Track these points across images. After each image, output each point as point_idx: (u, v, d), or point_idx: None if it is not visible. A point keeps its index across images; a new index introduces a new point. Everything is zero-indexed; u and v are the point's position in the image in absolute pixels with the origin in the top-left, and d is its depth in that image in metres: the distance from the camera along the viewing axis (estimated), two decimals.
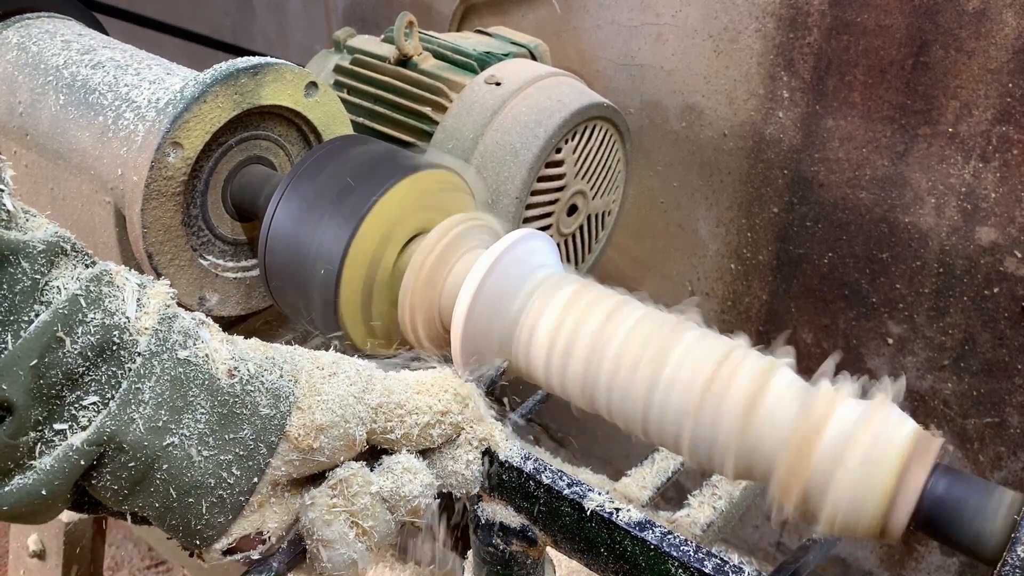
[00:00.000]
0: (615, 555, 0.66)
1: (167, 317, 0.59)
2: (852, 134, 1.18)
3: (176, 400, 0.57)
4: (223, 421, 0.59)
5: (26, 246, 0.53)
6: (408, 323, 0.79)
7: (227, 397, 0.59)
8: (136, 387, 0.55)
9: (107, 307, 0.55)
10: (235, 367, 0.60)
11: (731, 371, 0.64)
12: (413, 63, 1.19)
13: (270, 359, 0.63)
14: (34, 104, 0.97)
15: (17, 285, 0.52)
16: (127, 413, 0.55)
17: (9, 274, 0.52)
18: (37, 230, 0.55)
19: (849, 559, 1.43)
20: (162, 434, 0.56)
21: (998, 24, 1.03)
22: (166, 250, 0.89)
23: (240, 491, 0.60)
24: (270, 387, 0.61)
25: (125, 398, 0.55)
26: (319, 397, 0.62)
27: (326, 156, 0.84)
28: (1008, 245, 1.10)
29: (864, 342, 1.28)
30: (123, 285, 0.58)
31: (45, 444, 0.53)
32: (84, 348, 0.53)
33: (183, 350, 0.58)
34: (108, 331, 0.55)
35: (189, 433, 0.57)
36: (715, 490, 0.90)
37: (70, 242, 0.56)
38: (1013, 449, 1.20)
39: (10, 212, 0.54)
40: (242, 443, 0.59)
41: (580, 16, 1.38)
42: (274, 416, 0.60)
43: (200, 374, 0.58)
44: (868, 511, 0.58)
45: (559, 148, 1.13)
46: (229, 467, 0.59)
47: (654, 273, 1.47)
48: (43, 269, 0.53)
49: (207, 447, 0.58)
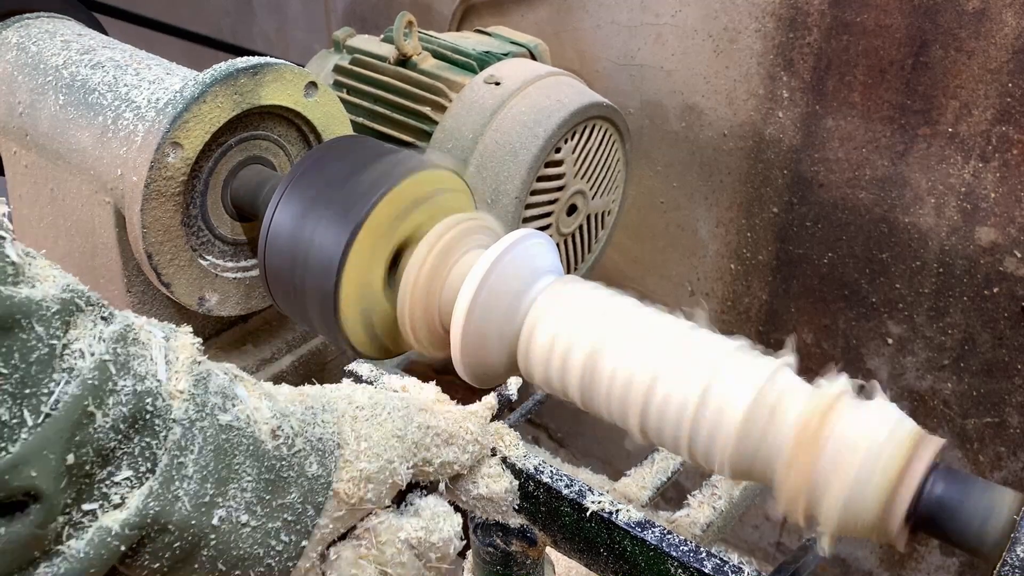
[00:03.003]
0: (615, 555, 0.66)
1: (201, 377, 0.54)
2: (852, 134, 1.18)
3: (221, 471, 0.52)
4: (270, 487, 0.54)
5: (39, 307, 0.46)
6: (407, 324, 0.78)
7: (273, 461, 0.55)
8: (178, 461, 0.50)
9: (137, 371, 0.50)
10: (278, 426, 0.56)
11: (732, 372, 0.64)
12: (412, 63, 1.19)
13: (309, 409, 0.59)
14: (34, 104, 0.97)
15: (32, 354, 0.45)
16: (171, 491, 0.50)
17: (22, 341, 0.45)
18: (45, 282, 0.48)
19: (849, 559, 1.43)
20: (210, 509, 0.51)
21: (998, 24, 1.03)
22: (166, 250, 0.89)
23: (288, 557, 0.56)
24: (315, 443, 0.57)
25: (167, 474, 0.50)
26: (365, 443, 0.59)
27: (326, 156, 0.84)
28: (1008, 245, 1.10)
29: (864, 342, 1.28)
30: (148, 341, 0.52)
31: (73, 527, 0.48)
32: (116, 420, 0.48)
33: (224, 414, 0.53)
34: (140, 399, 0.49)
35: (236, 504, 0.53)
36: (715, 490, 0.90)
37: (84, 295, 0.50)
38: (1013, 449, 1.20)
39: (16, 264, 0.47)
40: (290, 508, 0.55)
41: (580, 16, 1.38)
42: (321, 475, 0.57)
43: (244, 439, 0.54)
44: (867, 511, 0.58)
45: (559, 148, 1.13)
46: (278, 534, 0.55)
47: (654, 273, 1.47)
48: (59, 332, 0.47)
49: (255, 516, 0.54)
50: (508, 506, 0.68)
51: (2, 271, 0.46)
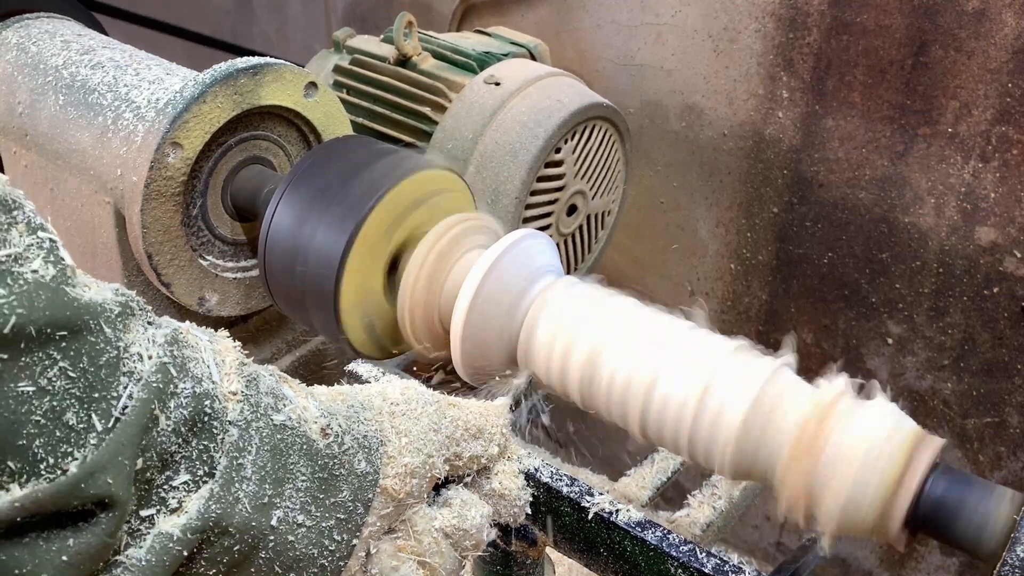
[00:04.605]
0: (615, 555, 0.66)
1: (252, 379, 0.54)
2: (852, 134, 1.18)
3: (278, 471, 0.52)
4: (323, 486, 0.54)
5: (103, 309, 0.45)
6: (407, 323, 0.78)
7: (325, 460, 0.55)
8: (238, 462, 0.50)
9: (194, 373, 0.49)
10: (327, 424, 0.56)
11: (731, 372, 0.64)
12: (412, 63, 1.19)
13: (352, 407, 0.59)
14: (34, 104, 0.97)
15: (101, 357, 0.44)
16: (231, 493, 0.49)
17: (90, 344, 0.44)
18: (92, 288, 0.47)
19: (849, 559, 1.43)
20: (268, 511, 0.51)
21: (997, 24, 1.03)
22: (166, 250, 0.89)
23: (340, 556, 0.56)
24: (362, 441, 0.57)
25: (227, 476, 0.49)
26: (406, 438, 0.59)
27: (326, 156, 0.84)
28: (1008, 245, 1.10)
29: (864, 342, 1.28)
30: (197, 344, 0.52)
31: (131, 535, 0.46)
32: (177, 424, 0.47)
33: (277, 414, 0.53)
34: (199, 401, 0.49)
35: (292, 505, 0.52)
36: (715, 490, 0.90)
37: (133, 299, 0.49)
38: (1013, 449, 1.20)
39: (71, 267, 0.45)
40: (342, 506, 0.55)
41: (580, 16, 1.38)
42: (369, 472, 0.57)
43: (298, 438, 0.54)
44: (867, 512, 0.58)
45: (558, 148, 1.13)
46: (331, 533, 0.55)
47: (654, 273, 1.47)
48: (123, 335, 0.46)
49: (310, 516, 0.53)
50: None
51: (62, 273, 0.44)
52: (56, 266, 0.44)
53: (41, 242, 0.44)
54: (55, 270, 0.44)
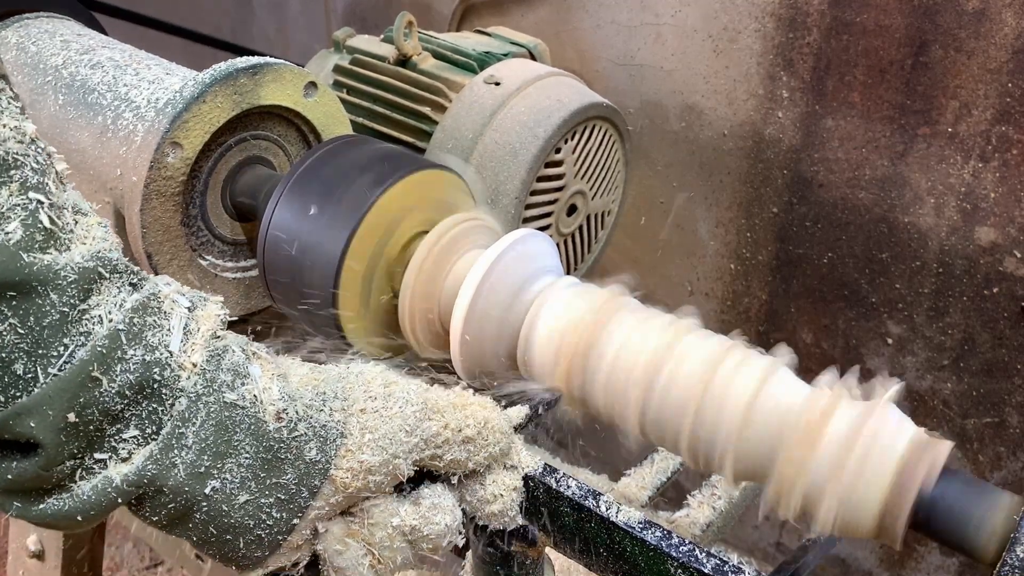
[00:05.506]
0: (615, 555, 0.66)
1: (216, 353, 0.56)
2: (851, 134, 1.18)
3: (220, 445, 0.55)
4: (266, 466, 0.56)
5: (56, 275, 0.49)
6: (407, 324, 0.79)
7: (272, 443, 0.57)
8: (180, 431, 0.53)
9: (149, 342, 0.53)
10: (283, 409, 0.57)
11: (731, 372, 0.64)
12: (412, 63, 1.19)
13: (320, 394, 0.60)
14: (33, 104, 0.97)
15: (45, 319, 0.49)
16: (168, 458, 0.53)
17: (37, 305, 0.49)
18: (83, 246, 0.52)
19: (849, 559, 1.43)
20: (203, 479, 0.54)
21: (997, 24, 1.03)
22: (165, 250, 0.89)
23: (279, 531, 0.58)
24: (318, 429, 0.59)
25: (167, 442, 0.53)
26: (370, 435, 0.60)
27: (325, 156, 0.84)
28: (1008, 245, 1.10)
29: (864, 342, 1.28)
30: (171, 311, 0.55)
31: (85, 470, 0.52)
32: (122, 387, 0.51)
33: (231, 392, 0.56)
34: (148, 368, 0.52)
35: (231, 478, 0.55)
36: (715, 490, 0.90)
37: (111, 263, 0.53)
38: (1013, 449, 1.20)
39: (48, 230, 0.50)
40: (284, 488, 0.57)
41: (580, 16, 1.38)
42: (319, 460, 0.58)
43: (247, 418, 0.56)
44: (866, 513, 0.58)
45: (558, 148, 1.13)
46: (269, 509, 0.57)
47: (654, 273, 1.47)
48: (73, 300, 0.50)
49: (248, 491, 0.56)
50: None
51: (30, 237, 0.49)
52: (27, 230, 0.49)
53: (28, 203, 0.49)
54: (23, 233, 0.48)
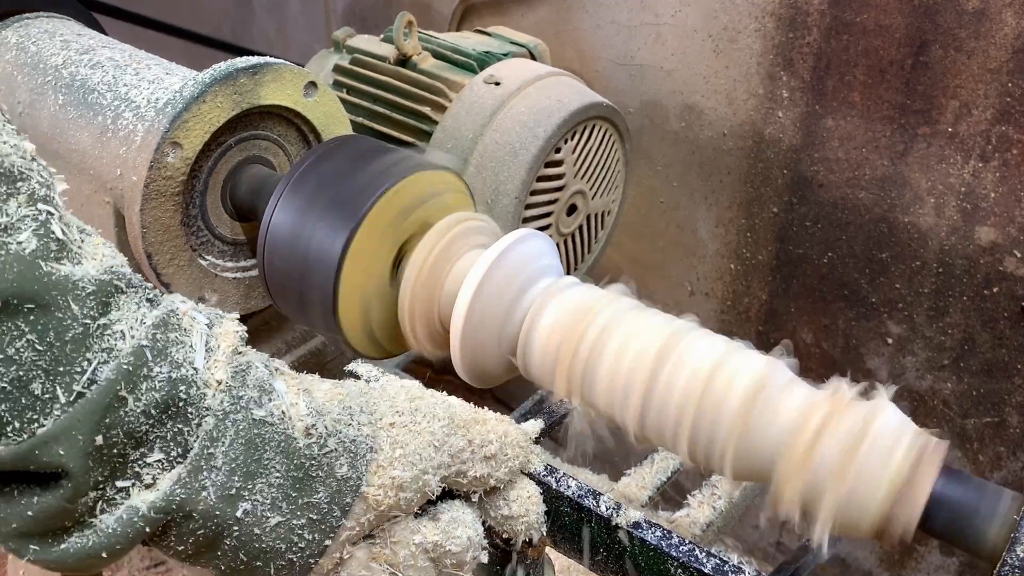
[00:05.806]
0: (615, 555, 0.66)
1: (240, 369, 0.54)
2: (852, 134, 1.18)
3: (250, 464, 0.52)
4: (298, 485, 0.54)
5: (75, 286, 0.47)
6: (407, 323, 0.79)
7: (303, 460, 0.54)
8: (208, 451, 0.51)
9: (174, 358, 0.51)
10: (312, 424, 0.55)
11: (732, 372, 0.64)
12: (412, 63, 1.19)
13: (347, 408, 0.58)
14: (33, 104, 0.97)
15: (67, 333, 0.46)
16: (198, 480, 0.51)
17: (57, 319, 0.46)
18: (93, 261, 0.50)
19: (849, 559, 1.43)
20: (234, 502, 0.52)
21: (997, 24, 1.03)
22: (165, 250, 0.89)
23: (310, 554, 0.56)
24: (348, 444, 0.57)
25: (196, 464, 0.51)
26: (400, 450, 0.58)
27: (325, 156, 0.84)
28: (1008, 245, 1.10)
29: (864, 342, 1.28)
30: (191, 328, 0.53)
31: (107, 502, 0.49)
32: (148, 406, 0.49)
33: (259, 409, 0.53)
34: (175, 386, 0.50)
35: (262, 499, 0.53)
36: (715, 490, 0.90)
37: (125, 277, 0.51)
38: (1013, 449, 1.20)
39: (61, 241, 0.48)
40: (316, 507, 0.55)
41: (580, 16, 1.38)
42: (351, 477, 0.56)
43: (276, 435, 0.54)
44: (868, 514, 0.58)
45: (558, 148, 1.13)
46: (301, 531, 0.55)
47: (654, 273, 1.47)
48: (93, 313, 0.48)
49: (279, 512, 0.54)
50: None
51: (45, 247, 0.47)
52: (41, 240, 0.46)
53: (38, 214, 0.47)
54: (37, 244, 0.46)
